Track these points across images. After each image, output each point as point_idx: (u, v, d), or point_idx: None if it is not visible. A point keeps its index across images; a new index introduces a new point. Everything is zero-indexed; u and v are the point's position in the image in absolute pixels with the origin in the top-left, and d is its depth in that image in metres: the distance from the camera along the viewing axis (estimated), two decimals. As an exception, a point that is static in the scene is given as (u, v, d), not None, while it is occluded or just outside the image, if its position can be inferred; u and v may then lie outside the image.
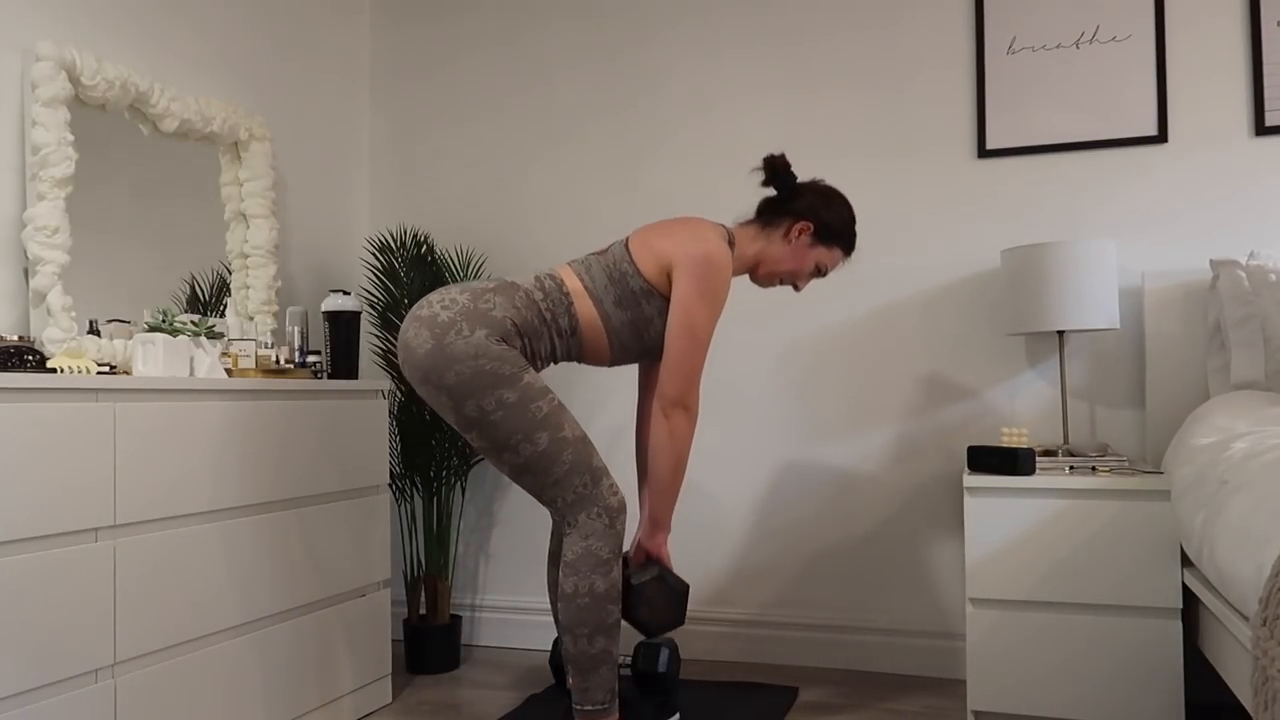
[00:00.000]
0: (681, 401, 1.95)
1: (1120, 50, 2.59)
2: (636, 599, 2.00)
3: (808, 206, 2.08)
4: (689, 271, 1.93)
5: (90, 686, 1.72)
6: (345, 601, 2.37)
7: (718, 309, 1.96)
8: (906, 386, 2.75)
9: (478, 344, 1.83)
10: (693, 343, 1.93)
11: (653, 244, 1.98)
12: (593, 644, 1.89)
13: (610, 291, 1.98)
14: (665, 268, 1.96)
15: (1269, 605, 1.15)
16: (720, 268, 1.94)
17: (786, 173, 2.09)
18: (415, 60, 3.29)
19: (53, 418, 1.67)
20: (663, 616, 2.04)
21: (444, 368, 1.83)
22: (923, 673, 2.71)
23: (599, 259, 2.03)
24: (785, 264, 2.09)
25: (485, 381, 1.83)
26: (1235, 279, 2.27)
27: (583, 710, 1.91)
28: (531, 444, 1.86)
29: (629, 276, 1.97)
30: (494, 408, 1.84)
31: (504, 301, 1.90)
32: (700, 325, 1.93)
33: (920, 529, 2.73)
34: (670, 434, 1.95)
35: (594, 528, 1.90)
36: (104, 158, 2.29)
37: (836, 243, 2.10)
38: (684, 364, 1.93)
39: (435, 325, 1.85)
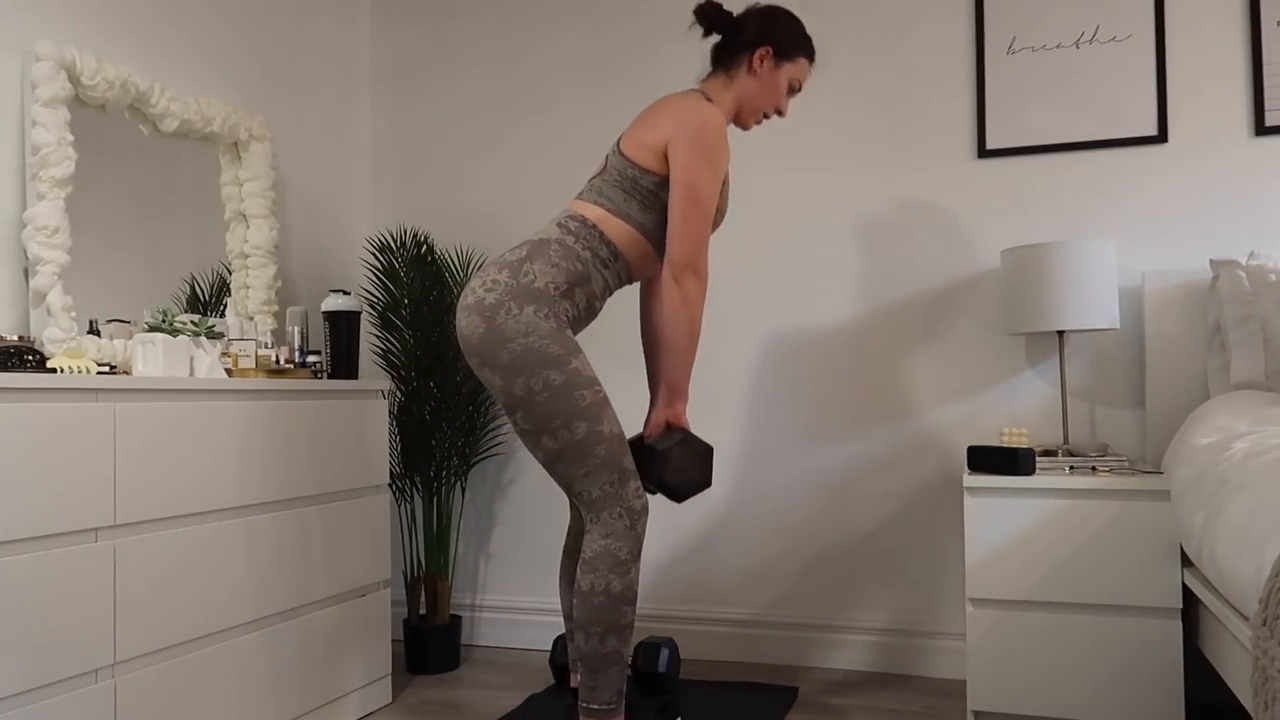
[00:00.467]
0: (692, 265, 1.94)
1: (1120, 50, 2.59)
2: (663, 464, 1.98)
3: (758, 32, 2.06)
4: (685, 143, 1.92)
5: (90, 686, 1.72)
6: (345, 601, 2.37)
7: (719, 170, 1.95)
8: (906, 386, 2.75)
9: (528, 321, 1.85)
10: (697, 206, 1.92)
11: (644, 138, 1.97)
12: (604, 643, 1.89)
13: (631, 201, 1.98)
14: (663, 152, 1.96)
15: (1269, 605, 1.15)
16: (714, 128, 1.94)
17: (720, 13, 2.08)
18: (415, 60, 3.29)
19: (53, 418, 1.67)
20: (690, 477, 2.01)
21: (497, 347, 1.86)
22: (923, 673, 2.71)
23: (603, 179, 2.02)
24: (761, 97, 2.08)
25: (534, 360, 1.85)
26: (1235, 279, 2.27)
27: (589, 709, 1.91)
28: (570, 431, 1.86)
29: (639, 178, 1.97)
30: (540, 388, 1.85)
31: (542, 266, 1.90)
32: (703, 188, 1.93)
33: (920, 529, 2.73)
34: (684, 299, 1.94)
35: (615, 527, 1.90)
36: (104, 158, 2.29)
37: (798, 53, 2.09)
38: (691, 228, 1.93)
39: (484, 309, 1.88)
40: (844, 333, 2.81)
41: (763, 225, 2.89)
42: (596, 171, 2.06)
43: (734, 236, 2.91)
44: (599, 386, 1.90)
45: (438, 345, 2.85)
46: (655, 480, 2.00)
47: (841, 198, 2.83)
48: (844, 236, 2.82)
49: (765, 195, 2.89)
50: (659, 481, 2.00)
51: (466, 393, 2.90)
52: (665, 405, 2.04)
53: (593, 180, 2.04)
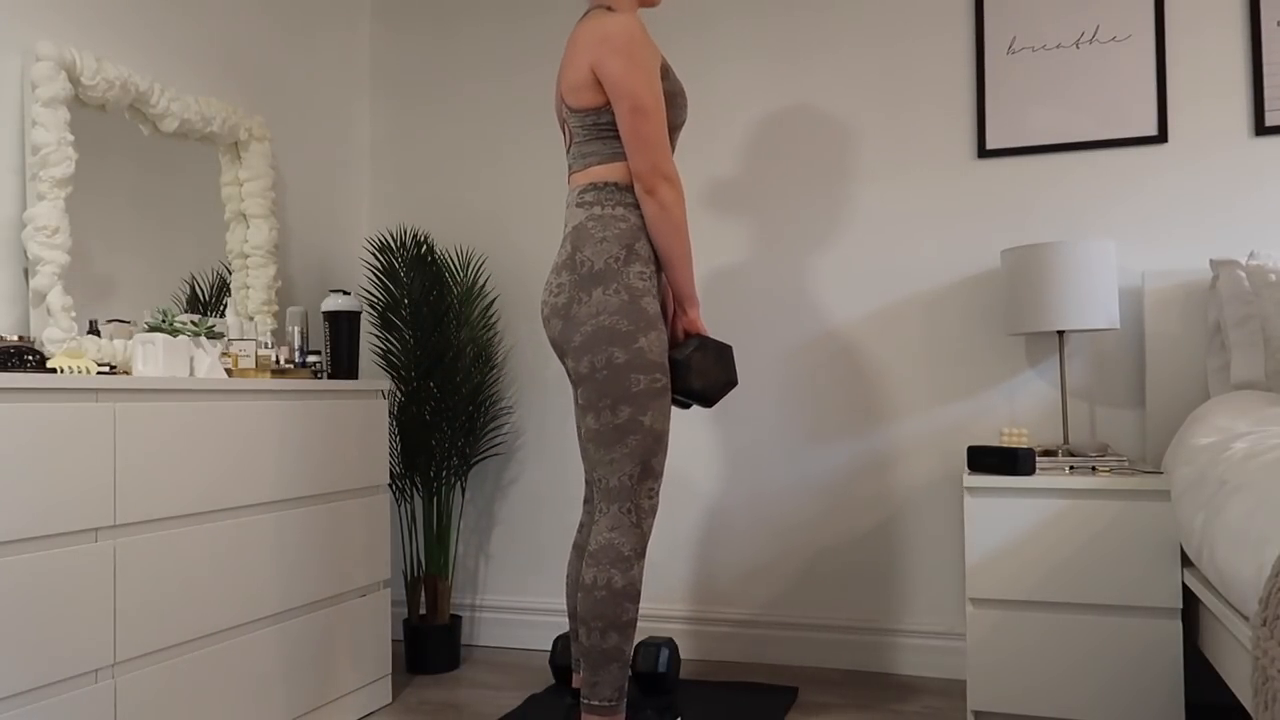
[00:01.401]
0: (659, 171, 1.92)
1: (1120, 50, 2.59)
2: (685, 370, 1.98)
3: None
4: (605, 58, 1.89)
5: (90, 686, 1.72)
6: (345, 601, 2.37)
7: (650, 67, 1.91)
8: (906, 386, 2.75)
9: (598, 302, 1.89)
10: (641, 113, 1.90)
11: (573, 80, 1.95)
12: (605, 639, 1.89)
13: (609, 142, 1.97)
14: (594, 81, 1.93)
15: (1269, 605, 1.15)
16: (625, 32, 1.89)
17: None
18: (415, 60, 3.29)
19: (53, 418, 1.67)
20: (714, 378, 2.01)
21: (572, 333, 1.91)
22: (923, 673, 2.71)
23: (576, 144, 2.01)
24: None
25: (603, 337, 1.88)
26: (1235, 279, 2.27)
27: (590, 705, 1.91)
28: (613, 414, 1.88)
29: (597, 118, 1.96)
30: (602, 365, 1.88)
31: (591, 249, 1.91)
32: (641, 95, 1.89)
33: (920, 529, 2.73)
34: (661, 206, 1.93)
35: (622, 522, 1.91)
36: (104, 158, 2.29)
37: None
38: (644, 135, 1.90)
39: (558, 310, 1.94)
40: (844, 332, 2.81)
41: (763, 225, 2.89)
42: (567, 142, 2.06)
43: (735, 236, 2.91)
44: (659, 374, 1.90)
45: (438, 345, 2.85)
46: (683, 390, 1.99)
47: (841, 197, 2.82)
48: (844, 236, 2.82)
49: (765, 195, 2.89)
50: (686, 390, 1.99)
51: (466, 393, 2.90)
52: (679, 316, 2.05)
53: (569, 149, 2.05)
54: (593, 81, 1.93)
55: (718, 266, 2.93)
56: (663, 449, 1.94)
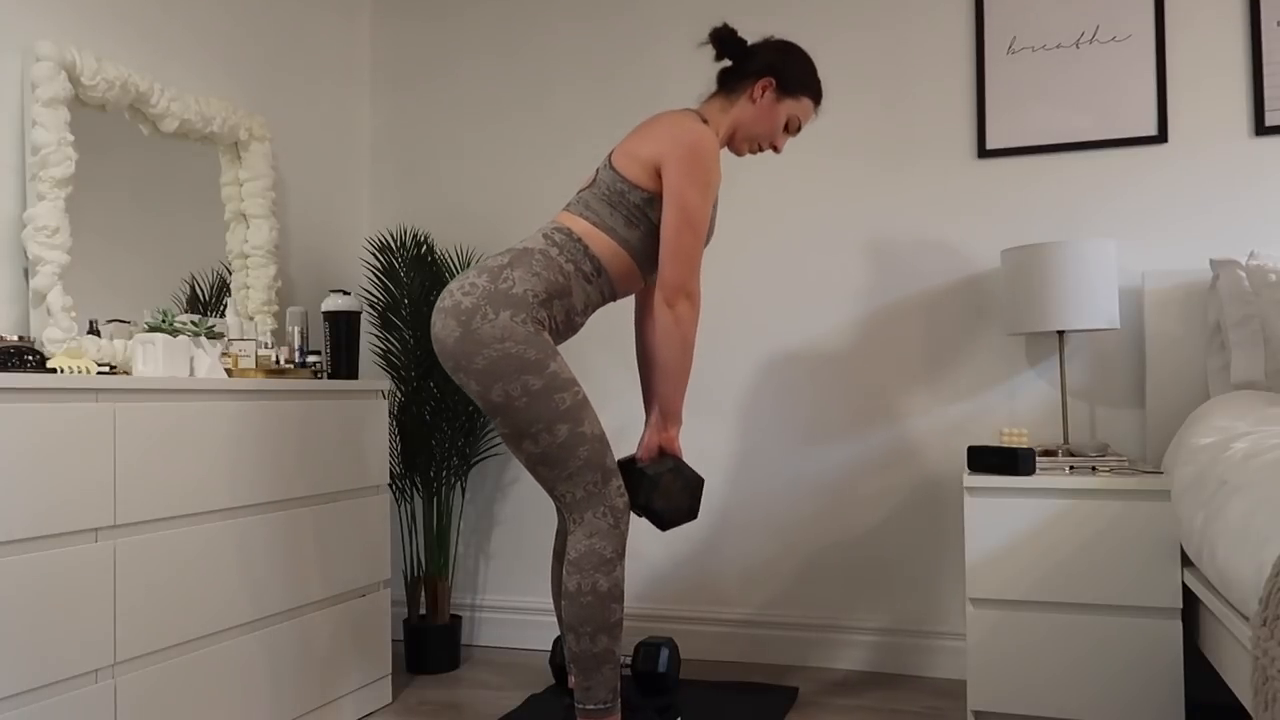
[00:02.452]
0: (685, 288, 1.93)
1: (1120, 50, 2.59)
2: (652, 489, 1.98)
3: (765, 64, 2.06)
4: (678, 163, 1.92)
5: (90, 686, 1.72)
6: (345, 601, 2.37)
7: (711, 192, 1.94)
8: (906, 386, 2.75)
9: (504, 326, 1.84)
10: (690, 230, 1.92)
11: (637, 152, 1.97)
12: (595, 643, 1.90)
13: (617, 216, 1.97)
14: (654, 169, 1.95)
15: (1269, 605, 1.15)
16: (708, 152, 1.93)
17: (735, 39, 2.07)
18: (415, 60, 3.29)
19: (53, 418, 1.67)
20: (678, 505, 2.01)
21: (473, 353, 1.85)
22: (923, 673, 2.71)
23: (592, 191, 2.01)
24: (757, 125, 2.07)
25: (512, 365, 1.84)
26: (1235, 279, 2.27)
27: (585, 709, 1.91)
28: (551, 435, 1.86)
29: (626, 193, 1.97)
30: (519, 393, 1.85)
31: (522, 274, 1.90)
32: (695, 211, 1.92)
33: (920, 529, 2.73)
34: (676, 320, 1.94)
35: (599, 526, 1.91)
36: (104, 158, 2.29)
37: (803, 92, 2.09)
38: (683, 251, 1.92)
39: (460, 313, 1.87)
40: (844, 333, 2.81)
41: (764, 225, 2.89)
42: (585, 184, 2.06)
43: (735, 236, 2.91)
44: (578, 388, 1.90)
45: (438, 345, 2.84)
46: (643, 505, 2.01)
47: (842, 197, 2.83)
48: (844, 236, 2.82)
49: (766, 195, 2.89)
50: (646, 507, 2.00)
51: (466, 393, 2.89)
52: (659, 429, 2.04)
53: (581, 193, 2.04)
54: (653, 169, 1.95)
55: (718, 266, 2.93)
56: (609, 449, 1.93)
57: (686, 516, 2.04)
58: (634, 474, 2.02)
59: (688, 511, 2.04)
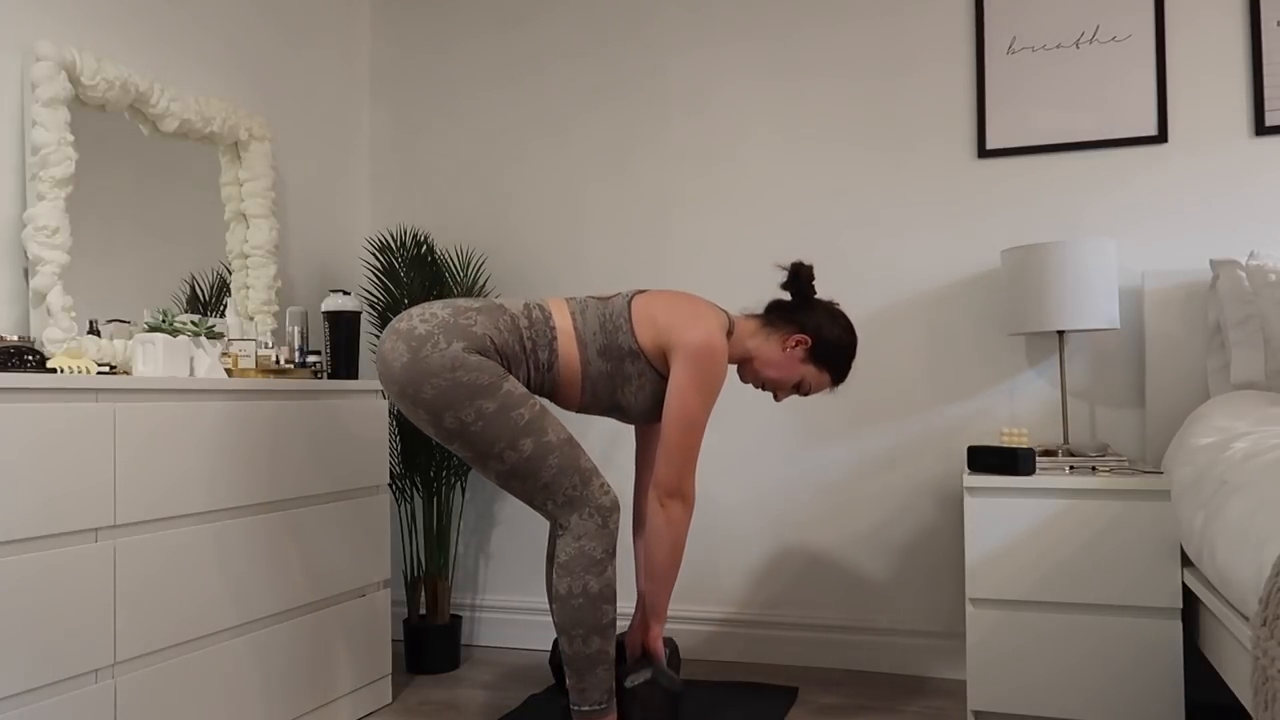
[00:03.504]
0: (679, 491, 1.97)
1: (1120, 50, 2.59)
2: (630, 700, 2.01)
3: (814, 324, 2.08)
4: (687, 359, 1.93)
5: (90, 686, 1.72)
6: (345, 601, 2.37)
7: (713, 398, 1.97)
8: (906, 386, 2.75)
9: (454, 356, 1.81)
10: (688, 431, 1.94)
11: (655, 316, 1.98)
12: (588, 644, 1.90)
13: (597, 339, 1.97)
14: (661, 344, 1.97)
15: (1269, 605, 1.15)
16: (717, 360, 1.95)
17: (807, 282, 2.11)
18: (415, 60, 3.29)
19: (53, 418, 1.67)
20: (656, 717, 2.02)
21: (420, 381, 1.82)
22: (923, 673, 2.71)
23: (597, 305, 2.02)
24: (772, 370, 2.09)
25: (464, 393, 1.81)
26: (1235, 279, 2.27)
27: (580, 711, 1.92)
28: (516, 451, 1.85)
29: (621, 332, 1.97)
30: (473, 419, 1.82)
31: (486, 321, 1.89)
32: (696, 414, 1.94)
33: (920, 529, 2.73)
34: (668, 521, 1.97)
35: (586, 528, 1.90)
36: (104, 158, 2.29)
37: (828, 367, 2.11)
38: (680, 451, 1.95)
39: (412, 339, 1.84)
40: (844, 333, 2.81)
41: (764, 225, 2.89)
42: (599, 295, 2.08)
43: (736, 236, 2.91)
44: (534, 400, 1.88)
45: (438, 345, 2.84)
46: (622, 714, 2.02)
47: (842, 197, 2.82)
48: (844, 236, 2.82)
49: (766, 195, 2.89)
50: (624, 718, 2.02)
51: (466, 393, 2.89)
52: (641, 628, 2.09)
53: (589, 297, 2.05)
54: (662, 345, 1.97)
55: (719, 266, 2.93)
56: (581, 450, 1.93)
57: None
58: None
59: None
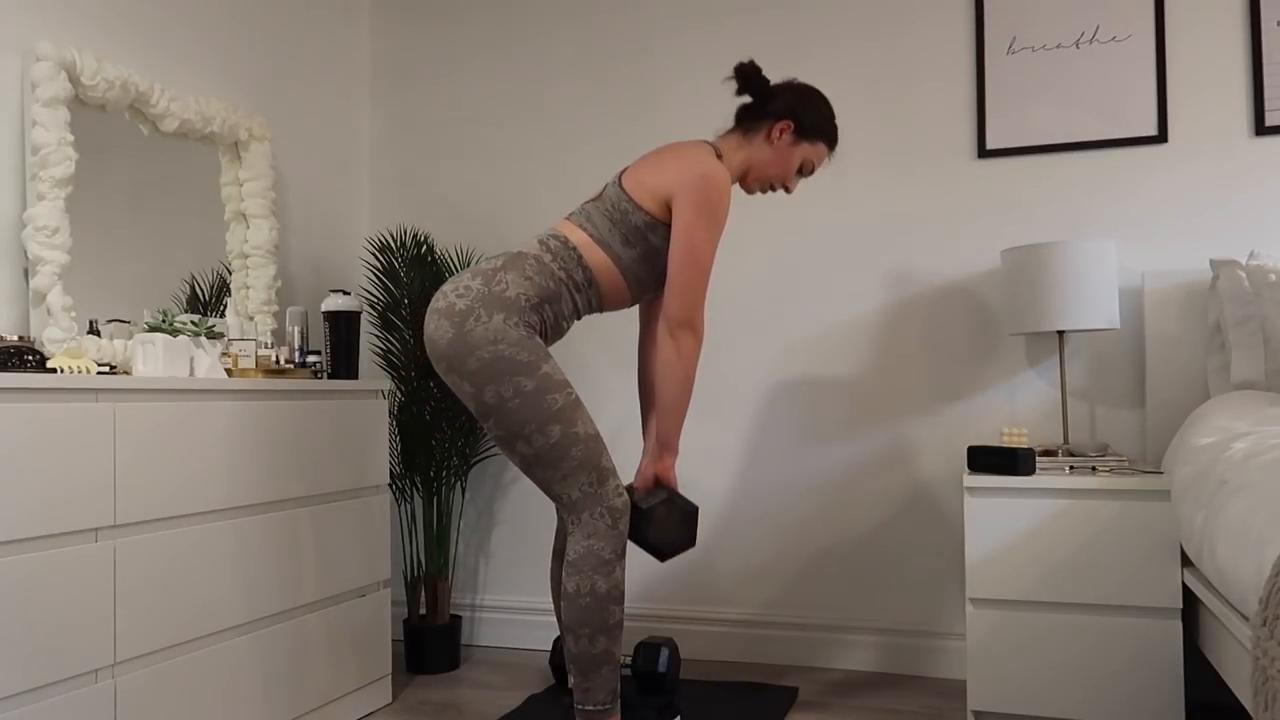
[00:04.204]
0: (689, 322, 1.95)
1: (1120, 50, 2.59)
2: (646, 522, 1.99)
3: (786, 106, 2.07)
4: (689, 196, 1.93)
5: (90, 686, 1.72)
6: (345, 601, 2.37)
7: (719, 227, 1.96)
8: (906, 386, 2.75)
9: (496, 329, 1.86)
10: (696, 264, 1.94)
11: (646, 179, 1.98)
12: (594, 644, 1.90)
13: (615, 233, 1.99)
14: (663, 198, 1.96)
15: (1269, 605, 1.15)
16: (718, 187, 1.94)
17: (759, 77, 2.09)
18: (415, 60, 3.29)
19: (53, 418, 1.67)
20: (673, 537, 2.02)
21: (465, 354, 1.86)
22: (923, 673, 2.71)
23: (596, 205, 2.03)
24: (771, 167, 2.08)
25: (504, 368, 1.85)
26: (1235, 279, 2.27)
27: (584, 710, 1.91)
28: (544, 436, 1.87)
29: (630, 214, 1.98)
30: (511, 395, 1.85)
31: (515, 277, 1.91)
32: (702, 246, 1.94)
33: (920, 529, 2.73)
34: (678, 353, 1.96)
35: (597, 528, 1.91)
36: (104, 158, 2.29)
37: (819, 138, 2.10)
38: (689, 285, 1.94)
39: (454, 315, 1.88)
40: (844, 332, 2.81)
41: (764, 225, 2.89)
42: (592, 197, 2.07)
43: (737, 236, 2.91)
44: (570, 389, 1.90)
45: (438, 345, 2.84)
46: (638, 539, 2.02)
47: (842, 198, 2.82)
48: (844, 236, 2.82)
49: (766, 196, 2.89)
50: (643, 540, 2.01)
51: (466, 393, 2.89)
52: (654, 460, 2.06)
53: (585, 205, 2.05)
54: (661, 197, 1.96)
55: (718, 265, 2.93)
56: (604, 448, 1.93)
57: (684, 546, 2.05)
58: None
59: (684, 542, 2.05)
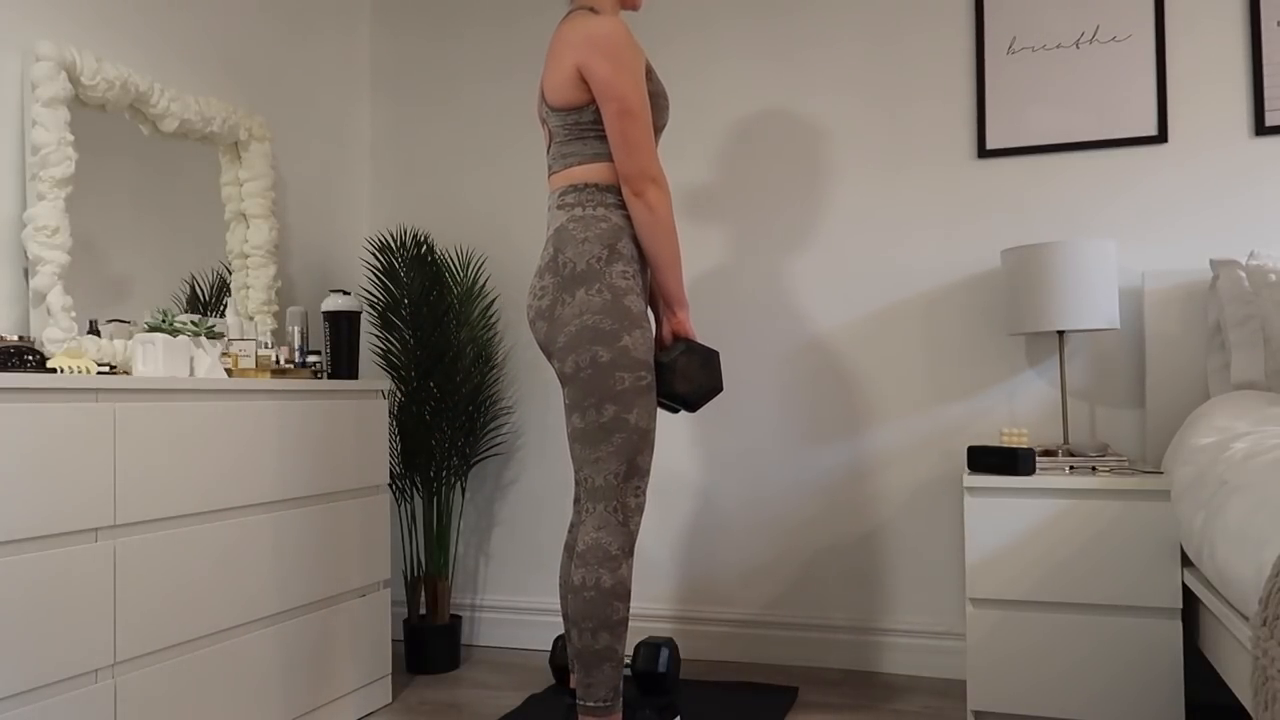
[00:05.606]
0: (646, 173, 1.92)
1: (1120, 50, 2.59)
2: (670, 374, 1.98)
3: None
4: (591, 57, 1.90)
5: (90, 686, 1.72)
6: (345, 601, 2.37)
7: (635, 69, 1.91)
8: (906, 386, 2.75)
9: (581, 302, 1.89)
10: (630, 115, 1.90)
11: (555, 80, 1.95)
12: (596, 639, 1.89)
13: (588, 141, 1.97)
14: (577, 81, 1.94)
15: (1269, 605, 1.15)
16: (611, 33, 1.90)
17: None
18: (415, 60, 3.29)
19: (53, 418, 1.67)
20: (699, 383, 2.01)
21: (556, 333, 1.92)
22: (923, 673, 2.71)
23: (555, 144, 2.01)
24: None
25: (586, 337, 1.88)
26: (1235, 279, 2.27)
27: (585, 706, 1.91)
28: (598, 413, 1.88)
29: (578, 118, 1.96)
30: (586, 364, 1.88)
31: (572, 251, 1.92)
32: (629, 96, 1.90)
33: (920, 529, 2.73)
34: (649, 208, 1.93)
35: (608, 521, 1.91)
36: (104, 158, 2.29)
37: None
38: (631, 138, 1.91)
39: (542, 313, 1.95)
40: (844, 332, 2.81)
41: (764, 225, 2.89)
42: (548, 140, 2.05)
43: (735, 236, 2.91)
44: (644, 372, 1.90)
45: (438, 345, 2.85)
46: (666, 394, 2.00)
47: (841, 197, 2.82)
48: (844, 236, 2.82)
49: (765, 194, 2.89)
50: (670, 394, 2.00)
51: (466, 393, 2.90)
52: (669, 318, 2.06)
53: (550, 149, 2.04)
54: (576, 81, 1.93)
55: (718, 266, 2.93)
56: (649, 447, 1.93)
57: (710, 393, 2.03)
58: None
59: (710, 389, 2.03)
